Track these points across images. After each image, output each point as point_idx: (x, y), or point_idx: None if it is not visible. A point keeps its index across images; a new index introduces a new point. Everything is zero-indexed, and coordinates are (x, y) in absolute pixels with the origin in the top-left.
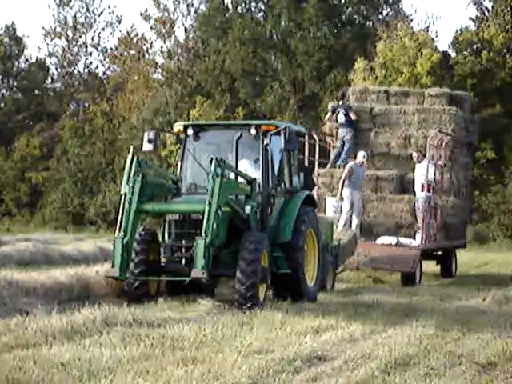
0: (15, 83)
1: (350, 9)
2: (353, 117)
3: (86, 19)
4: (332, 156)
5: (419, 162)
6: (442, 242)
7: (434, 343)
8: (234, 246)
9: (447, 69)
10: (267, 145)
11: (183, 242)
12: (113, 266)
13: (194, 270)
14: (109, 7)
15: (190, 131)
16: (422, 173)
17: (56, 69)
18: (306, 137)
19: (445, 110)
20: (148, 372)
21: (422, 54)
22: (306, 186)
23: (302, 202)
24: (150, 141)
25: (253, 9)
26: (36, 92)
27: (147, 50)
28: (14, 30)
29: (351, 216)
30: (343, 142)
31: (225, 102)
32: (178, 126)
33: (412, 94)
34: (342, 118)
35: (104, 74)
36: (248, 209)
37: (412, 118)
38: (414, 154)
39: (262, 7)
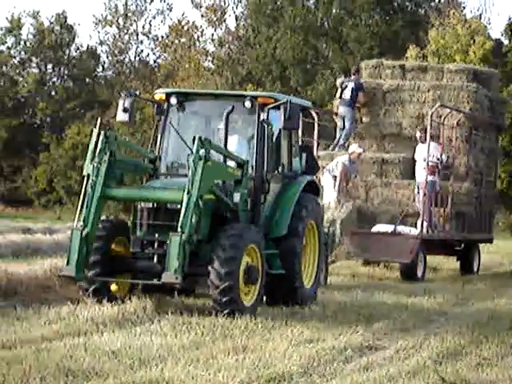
0: (66, 71)
1: None
2: (361, 99)
3: (136, 7)
4: (337, 137)
5: (422, 143)
6: (454, 233)
7: (485, 333)
8: None
9: (500, 56)
10: (264, 121)
11: (156, 235)
12: (68, 263)
13: (166, 273)
14: None
15: (173, 100)
16: (424, 154)
17: (107, 57)
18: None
19: (463, 86)
20: (199, 360)
21: (474, 41)
22: (308, 169)
23: (303, 189)
24: (125, 110)
25: None
26: (87, 80)
27: (198, 38)
28: (65, 18)
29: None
30: (344, 122)
31: (275, 90)
32: (160, 94)
33: (431, 69)
34: (347, 94)
35: (155, 62)
36: (237, 197)
37: (426, 96)
38: (418, 134)
39: None
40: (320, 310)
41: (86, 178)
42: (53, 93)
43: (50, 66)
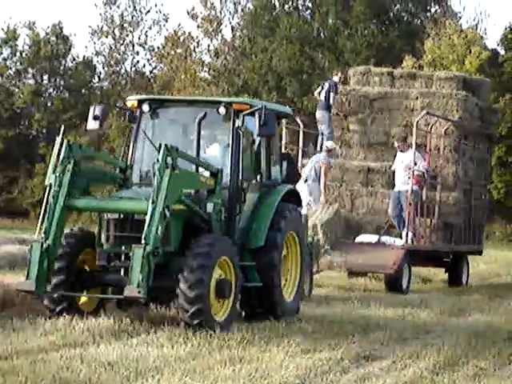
0: (62, 82)
1: (397, 6)
2: (330, 99)
3: (132, 18)
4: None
5: (402, 152)
6: (441, 244)
7: (482, 343)
8: None
9: (496, 67)
10: (239, 127)
11: (123, 247)
12: (28, 277)
13: (129, 287)
14: (156, 6)
15: (145, 107)
16: (406, 163)
17: (103, 68)
18: (284, 121)
19: (452, 94)
20: (195, 371)
21: (470, 51)
22: (288, 178)
23: (283, 198)
24: (95, 117)
25: (300, 7)
26: (83, 91)
27: (194, 49)
28: (61, 29)
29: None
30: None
31: (272, 101)
32: (132, 101)
33: (420, 76)
34: (322, 96)
35: (151, 72)
36: (210, 207)
37: (415, 103)
38: (396, 144)
39: (310, 5)
40: (315, 322)
41: (47, 189)
42: (49, 104)
43: (45, 77)
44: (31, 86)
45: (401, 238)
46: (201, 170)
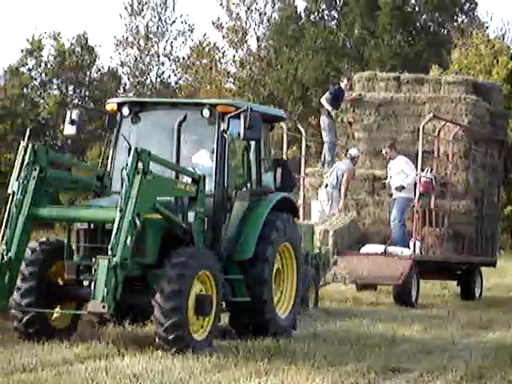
0: (87, 93)
1: (424, 16)
2: (325, 103)
3: (158, 28)
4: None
5: (391, 159)
6: (451, 255)
7: (510, 355)
8: None
9: None
10: (224, 131)
11: (93, 259)
12: None
13: (92, 302)
14: (181, 16)
15: (125, 110)
16: (397, 171)
17: (128, 78)
18: (285, 127)
19: (461, 98)
20: (221, 383)
21: (497, 61)
22: (283, 185)
23: (277, 207)
24: (72, 122)
25: (326, 17)
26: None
27: (219, 60)
28: (86, 39)
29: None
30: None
31: (297, 111)
32: (112, 104)
33: (427, 81)
34: (325, 101)
35: (176, 83)
36: (191, 216)
37: (422, 108)
38: (384, 151)
39: (335, 15)
40: (342, 334)
41: (10, 196)
42: None
43: (70, 88)
44: (56, 97)
45: (408, 247)
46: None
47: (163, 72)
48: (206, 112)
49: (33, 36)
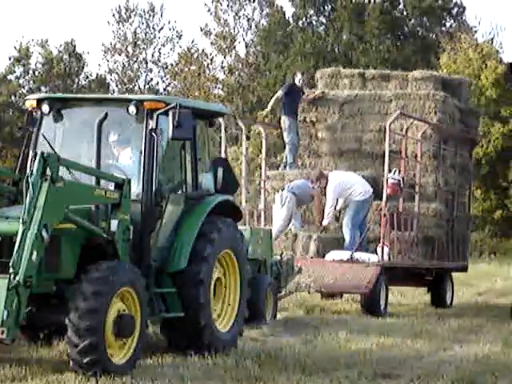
0: None
1: (412, 21)
2: (272, 103)
3: (146, 35)
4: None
5: (325, 188)
6: (421, 260)
7: (500, 361)
8: None
9: None
10: (153, 130)
11: None
12: None
13: None
14: (169, 23)
15: (45, 107)
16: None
17: (116, 85)
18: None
19: (429, 95)
20: None
21: (486, 65)
22: (224, 187)
23: (216, 212)
24: None
25: (314, 22)
26: None
27: (208, 66)
28: (74, 46)
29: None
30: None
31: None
32: (31, 101)
33: (394, 77)
34: (280, 95)
35: (165, 90)
36: (114, 224)
37: (389, 106)
38: (312, 185)
39: (324, 21)
40: (330, 339)
41: None
42: None
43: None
44: None
45: (376, 253)
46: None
47: (151, 79)
48: (132, 109)
49: (20, 44)
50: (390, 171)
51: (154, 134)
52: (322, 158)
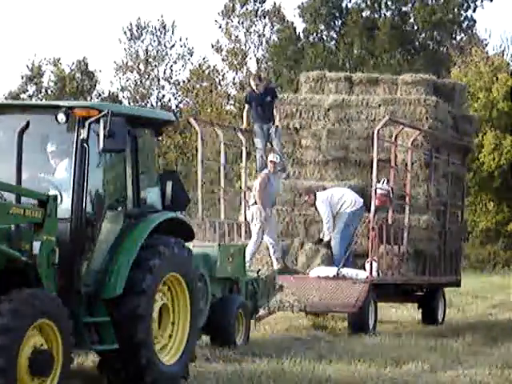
0: None
1: (423, 35)
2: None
3: (157, 52)
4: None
5: (313, 206)
6: (412, 275)
7: None
8: None
9: None
10: (84, 140)
11: None
12: None
13: None
14: (180, 40)
15: None
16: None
17: (129, 103)
18: (221, 136)
19: (420, 100)
20: None
21: (497, 78)
22: (174, 203)
23: (162, 230)
24: None
25: (324, 37)
26: None
27: (219, 82)
28: (86, 64)
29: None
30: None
31: None
32: None
33: (382, 81)
34: (246, 107)
35: (177, 106)
36: (37, 246)
37: (377, 112)
38: (303, 200)
39: (334, 36)
40: (346, 354)
41: None
42: None
43: None
44: None
45: (364, 269)
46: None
47: (163, 96)
48: (61, 117)
49: (33, 62)
50: (378, 181)
51: (85, 144)
52: (307, 167)
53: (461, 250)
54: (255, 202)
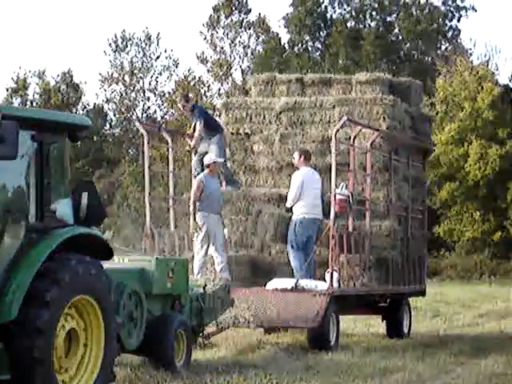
0: None
1: (408, 45)
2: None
3: (142, 64)
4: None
5: (297, 169)
6: (375, 285)
7: (503, 382)
8: None
9: (509, 102)
10: None
11: None
12: None
13: None
14: (165, 51)
15: None
16: (314, 186)
17: (114, 115)
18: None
19: (376, 99)
20: None
21: (482, 88)
22: (89, 216)
23: (71, 247)
24: None
25: (310, 48)
26: (95, 138)
27: (205, 93)
28: (71, 77)
29: (207, 253)
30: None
31: None
32: None
33: (336, 81)
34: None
35: (162, 118)
36: None
37: (332, 113)
38: (295, 156)
39: (319, 46)
40: (334, 365)
41: None
42: None
43: None
44: None
45: (324, 280)
46: None
47: (149, 107)
48: None
49: (18, 75)
50: (336, 186)
51: None
52: (259, 174)
53: (425, 257)
54: (199, 210)
